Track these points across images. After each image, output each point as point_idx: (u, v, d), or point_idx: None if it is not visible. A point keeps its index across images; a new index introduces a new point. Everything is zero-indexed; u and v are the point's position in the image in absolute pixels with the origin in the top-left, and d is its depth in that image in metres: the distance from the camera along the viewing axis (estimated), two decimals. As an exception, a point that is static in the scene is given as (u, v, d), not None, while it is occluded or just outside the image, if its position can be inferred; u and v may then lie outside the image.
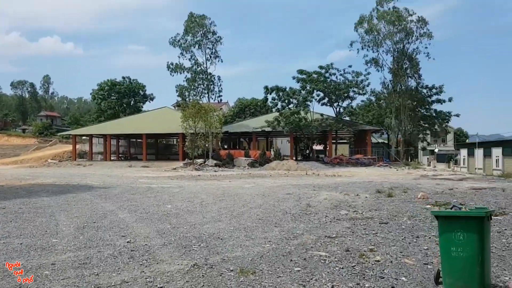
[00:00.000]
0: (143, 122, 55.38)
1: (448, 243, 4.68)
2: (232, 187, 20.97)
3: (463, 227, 4.57)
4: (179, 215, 11.26)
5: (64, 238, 8.07)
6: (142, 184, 22.65)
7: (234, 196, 16.12)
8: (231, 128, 54.05)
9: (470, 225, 4.55)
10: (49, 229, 9.13)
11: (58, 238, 8.14)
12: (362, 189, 19.08)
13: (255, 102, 70.03)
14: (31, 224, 9.78)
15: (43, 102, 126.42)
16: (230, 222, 10.02)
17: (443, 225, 4.81)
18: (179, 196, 16.28)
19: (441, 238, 4.83)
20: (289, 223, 9.81)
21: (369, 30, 48.29)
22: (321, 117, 49.18)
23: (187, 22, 48.65)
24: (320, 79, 47.06)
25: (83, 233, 8.65)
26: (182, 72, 49.32)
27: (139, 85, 71.79)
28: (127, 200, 14.98)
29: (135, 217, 10.91)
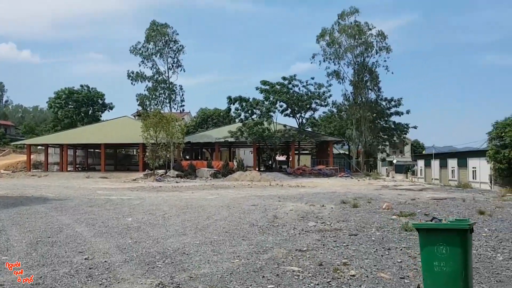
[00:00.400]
0: (101, 132, 53.70)
1: (430, 257, 4.50)
2: (195, 198, 20.46)
3: (446, 240, 4.41)
4: (141, 228, 10.72)
5: (15, 255, 7.42)
6: (101, 196, 21.74)
7: (198, 208, 15.66)
8: (193, 138, 53.32)
9: (452, 238, 4.39)
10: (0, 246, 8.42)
11: (8, 255, 7.48)
12: (327, 199, 19.04)
13: (217, 112, 69.53)
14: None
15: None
16: (195, 235, 9.60)
17: (425, 238, 4.63)
18: (140, 209, 15.65)
19: (423, 252, 4.65)
20: (257, 236, 9.49)
21: (331, 43, 49.08)
22: (284, 128, 49.29)
23: (149, 31, 47.80)
24: (283, 90, 47.22)
25: (36, 249, 8.00)
26: (143, 81, 48.29)
27: (98, 93, 69.73)
28: (85, 213, 14.23)
29: (93, 231, 10.29)
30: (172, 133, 43.24)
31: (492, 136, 40.02)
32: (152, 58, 48.10)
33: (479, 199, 18.90)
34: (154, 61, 48.01)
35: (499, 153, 38.28)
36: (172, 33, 47.87)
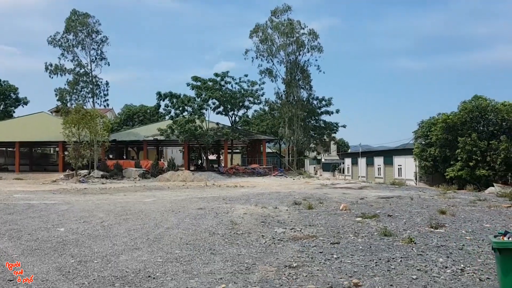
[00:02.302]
0: (15, 129, 48.63)
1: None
2: (130, 202, 18.54)
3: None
4: (80, 242, 8.93)
5: None
6: (19, 201, 19.00)
7: (139, 214, 13.92)
8: (119, 136, 50.12)
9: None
10: None
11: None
12: (276, 200, 18.10)
13: (144, 109, 66.25)
14: None
15: None
16: (151, 249, 8.05)
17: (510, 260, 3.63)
18: (71, 215, 13.57)
19: (510, 277, 3.65)
20: (226, 247, 8.17)
21: (264, 39, 48.55)
22: (217, 126, 47.91)
23: (68, 20, 43.94)
24: (215, 87, 45.88)
25: None
26: (63, 74, 44.37)
27: (11, 87, 63.17)
28: (4, 222, 11.94)
29: (20, 247, 8.34)
30: (96, 131, 40.14)
31: (418, 135, 41.70)
32: (73, 49, 44.35)
33: (425, 197, 18.99)
34: (75, 53, 44.31)
35: (425, 151, 39.95)
36: (94, 23, 44.47)
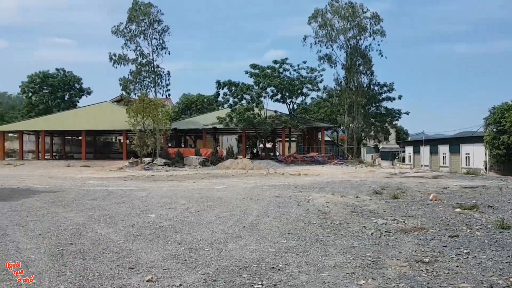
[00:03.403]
0: (81, 118, 50.58)
1: None
2: (203, 189, 18.53)
3: None
4: (177, 228, 8.78)
5: (42, 276, 5.40)
6: (96, 187, 19.51)
7: (219, 201, 13.76)
8: (179, 125, 50.89)
9: None
10: (10, 257, 6.35)
11: (31, 275, 5.45)
12: (351, 189, 17.44)
13: (201, 98, 66.97)
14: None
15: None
16: (254, 238, 7.74)
17: None
18: (153, 201, 13.64)
19: None
20: (333, 238, 7.72)
21: (323, 24, 47.35)
22: (275, 114, 47.49)
23: (131, 10, 44.80)
24: (274, 75, 45.37)
25: (66, 264, 5.99)
26: (126, 64, 45.38)
27: (75, 77, 65.77)
28: (93, 207, 12.14)
29: (121, 233, 8.30)
30: (159, 119, 40.83)
31: (489, 122, 39.31)
32: (136, 39, 45.19)
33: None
34: (137, 43, 45.15)
35: (497, 138, 37.63)
36: (156, 13, 45.05)
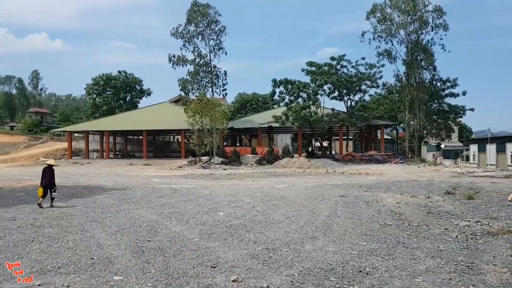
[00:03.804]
0: (141, 118, 52.28)
1: None
2: (264, 188, 18.44)
3: None
4: (248, 227, 8.69)
5: (128, 273, 5.44)
6: (160, 185, 19.97)
7: (283, 200, 13.59)
8: (235, 124, 51.30)
9: None
10: (94, 253, 6.50)
11: (117, 271, 5.51)
12: (420, 189, 16.72)
13: (256, 97, 67.15)
14: (63, 244, 7.13)
15: (32, 98, 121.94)
16: (330, 239, 7.49)
17: None
18: (218, 200, 13.69)
19: None
20: (415, 240, 7.31)
21: (382, 19, 45.88)
22: (332, 112, 46.66)
23: (190, 12, 45.60)
24: (331, 72, 44.57)
25: (148, 261, 6.03)
26: (184, 64, 46.26)
27: (136, 79, 68.26)
28: (162, 205, 12.35)
29: (194, 231, 8.31)
30: (216, 119, 41.28)
31: None
32: (194, 40, 45.95)
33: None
34: (195, 44, 45.88)
35: None
36: (214, 14, 45.56)
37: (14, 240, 7.47)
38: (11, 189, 17.74)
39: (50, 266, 5.71)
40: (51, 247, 6.93)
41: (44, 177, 12.64)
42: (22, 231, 8.31)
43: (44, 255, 6.38)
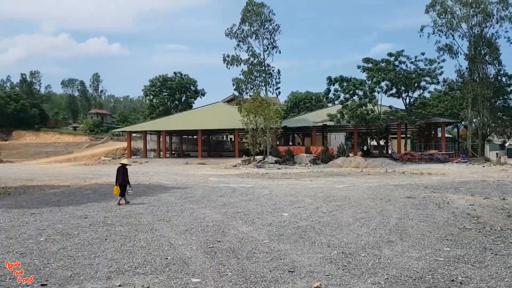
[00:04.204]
0: (196, 118, 53.23)
1: None
2: (323, 187, 18.02)
3: None
4: (317, 229, 8.40)
5: (205, 275, 5.33)
6: (218, 184, 20.07)
7: (347, 200, 13.15)
8: (289, 123, 50.98)
9: None
10: (167, 253, 6.47)
11: (194, 273, 5.42)
12: (494, 190, 15.70)
13: (310, 95, 66.47)
14: (136, 243, 7.18)
15: (93, 100, 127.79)
16: (408, 244, 7.06)
17: None
18: (279, 200, 13.46)
19: None
20: (506, 247, 6.73)
21: (443, 12, 43.87)
22: (390, 110, 45.19)
23: (244, 11, 45.81)
24: (388, 68, 43.16)
25: (222, 263, 5.90)
26: (238, 64, 46.55)
27: (190, 80, 69.71)
28: (223, 204, 12.31)
29: (262, 232, 8.13)
30: (270, 118, 41.15)
31: None
32: (247, 40, 46.10)
33: None
34: (249, 43, 46.02)
35: None
36: (268, 13, 45.49)
37: (88, 238, 7.62)
38: (79, 187, 18.44)
39: (127, 266, 5.72)
40: (125, 246, 6.99)
41: (118, 176, 13.08)
42: (94, 229, 8.49)
43: (119, 254, 6.43)
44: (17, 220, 9.54)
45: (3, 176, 26.01)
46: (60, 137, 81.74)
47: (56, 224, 8.92)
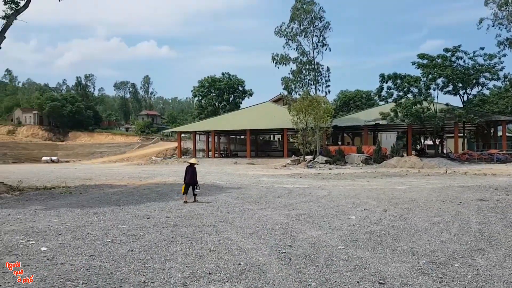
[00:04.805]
0: (244, 118, 53.21)
1: None
2: (383, 189, 17.20)
3: None
4: (392, 234, 7.78)
5: (284, 284, 4.90)
6: (272, 184, 19.68)
7: (414, 203, 12.37)
8: (339, 122, 49.88)
9: None
10: (238, 258, 6.10)
11: (273, 282, 5.00)
12: None
13: (359, 94, 64.87)
14: (204, 246, 6.87)
15: (144, 101, 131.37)
16: (506, 253, 6.33)
17: None
18: (341, 201, 12.86)
19: None
20: None
21: (504, 4, 41.36)
22: (447, 107, 43.11)
23: (293, 9, 45.18)
24: (445, 64, 41.20)
25: (301, 271, 5.44)
26: (287, 63, 45.96)
27: (238, 80, 69.97)
28: (283, 206, 11.87)
29: (333, 236, 7.62)
30: (320, 117, 40.32)
31: None
32: (297, 38, 45.41)
33: None
34: (299, 42, 45.31)
35: None
36: (318, 10, 44.63)
37: (154, 239, 7.40)
38: (136, 186, 18.60)
39: (200, 272, 5.39)
40: (193, 248, 6.70)
41: (187, 175, 13.31)
42: (159, 230, 8.29)
43: (189, 258, 6.13)
44: (81, 220, 9.54)
45: (62, 176, 26.89)
46: (113, 138, 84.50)
47: (120, 225, 8.81)
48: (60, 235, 7.81)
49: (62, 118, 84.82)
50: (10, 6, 16.06)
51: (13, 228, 8.52)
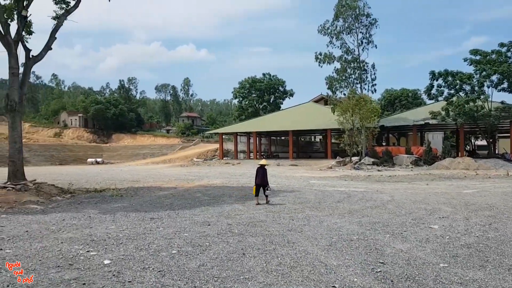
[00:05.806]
0: (286, 119, 52.22)
1: None
2: (450, 192, 15.93)
3: None
4: (493, 248, 6.74)
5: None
6: (324, 187, 18.69)
7: (495, 210, 11.15)
8: (386, 121, 48.08)
9: None
10: (328, 279, 5.24)
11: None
12: None
13: (406, 93, 62.56)
14: (282, 261, 6.04)
15: (184, 103, 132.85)
16: None
17: None
18: (411, 207, 11.76)
19: None
20: None
21: None
22: (502, 106, 40.61)
23: (337, 6, 43.87)
24: (500, 60, 38.79)
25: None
26: (331, 62, 44.67)
27: (279, 81, 69.10)
28: (349, 212, 10.91)
29: (424, 250, 6.63)
30: (367, 116, 38.84)
31: None
32: (341, 36, 44.05)
33: None
34: (343, 39, 43.93)
35: None
36: (363, 6, 43.15)
37: (223, 251, 6.66)
38: (186, 189, 18.07)
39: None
40: (270, 264, 5.89)
41: (257, 176, 13.07)
42: (224, 239, 7.55)
43: (270, 276, 5.33)
44: (139, 226, 8.95)
45: (109, 177, 26.88)
46: (155, 140, 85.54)
47: (181, 233, 8.14)
48: (121, 244, 7.21)
49: (106, 121, 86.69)
50: (61, 6, 15.89)
51: (70, 235, 8.00)
